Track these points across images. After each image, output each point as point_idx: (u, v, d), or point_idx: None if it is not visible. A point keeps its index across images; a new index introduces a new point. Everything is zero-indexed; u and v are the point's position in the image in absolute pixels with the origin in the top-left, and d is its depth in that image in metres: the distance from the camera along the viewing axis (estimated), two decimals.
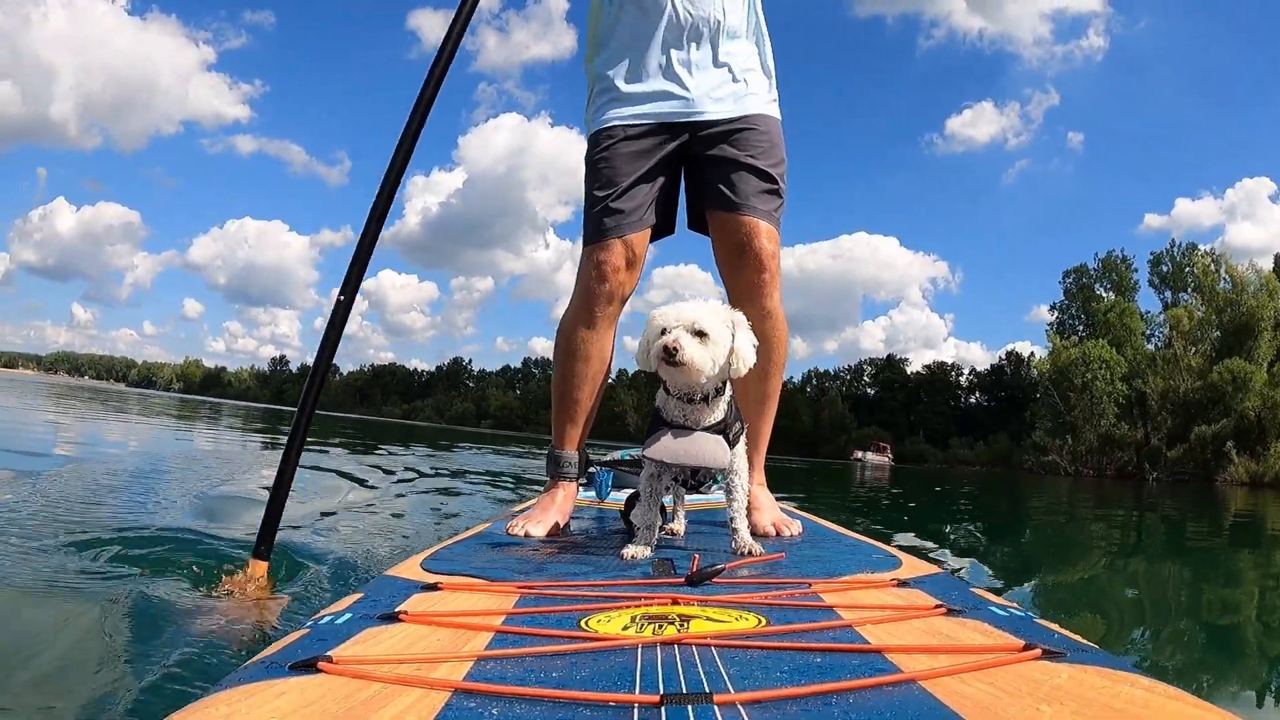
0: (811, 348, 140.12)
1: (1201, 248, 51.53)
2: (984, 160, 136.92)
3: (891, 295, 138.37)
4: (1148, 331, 52.82)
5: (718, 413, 1.38)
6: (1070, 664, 0.68)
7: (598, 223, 1.80)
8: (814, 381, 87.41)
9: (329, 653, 0.72)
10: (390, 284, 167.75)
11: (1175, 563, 3.21)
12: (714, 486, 1.68)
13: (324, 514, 4.13)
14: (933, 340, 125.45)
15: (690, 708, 0.58)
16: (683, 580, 1.07)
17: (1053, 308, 57.36)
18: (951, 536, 3.78)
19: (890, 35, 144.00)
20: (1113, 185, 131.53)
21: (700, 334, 1.27)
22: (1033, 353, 57.27)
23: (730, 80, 1.82)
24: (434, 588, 1.08)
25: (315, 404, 1.94)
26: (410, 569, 1.26)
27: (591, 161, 1.85)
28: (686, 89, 1.79)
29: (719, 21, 1.80)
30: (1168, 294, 52.15)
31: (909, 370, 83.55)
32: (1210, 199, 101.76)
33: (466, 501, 5.29)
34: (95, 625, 1.62)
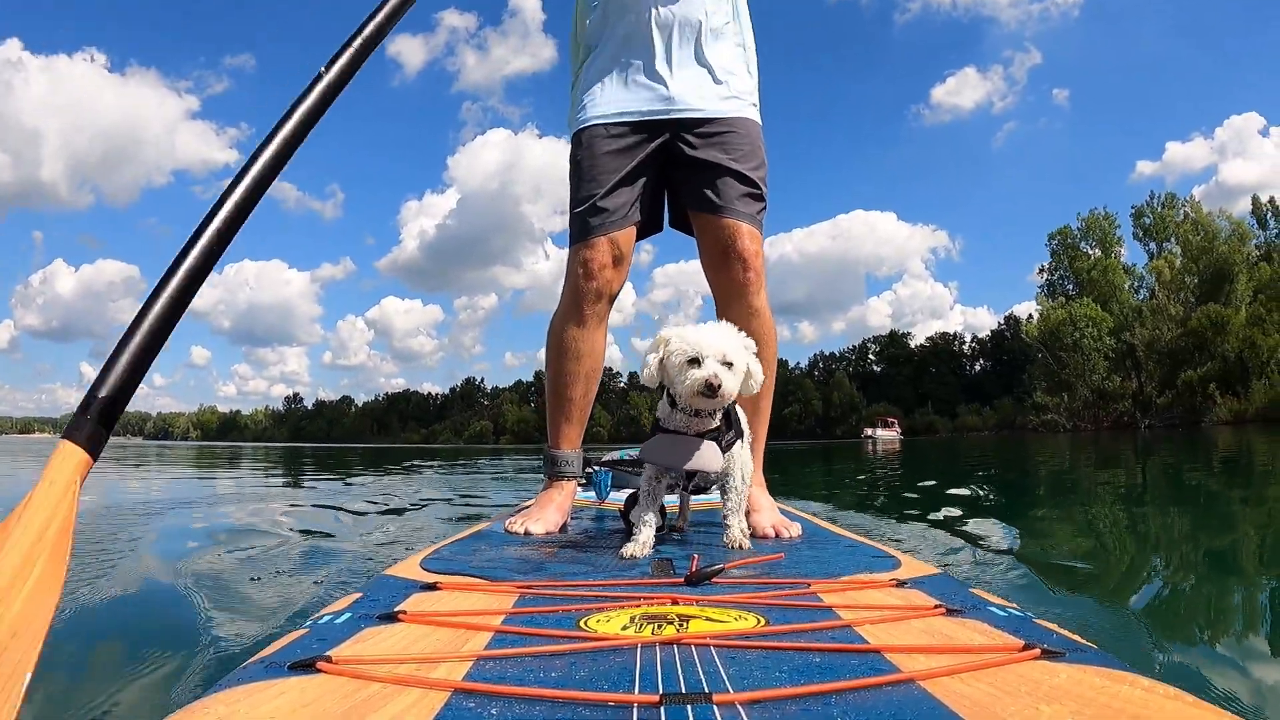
0: (819, 330, 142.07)
1: (1182, 197, 52.94)
2: (972, 126, 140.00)
3: (894, 269, 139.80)
4: (1135, 285, 54.06)
5: (715, 419, 1.44)
6: (1069, 664, 0.68)
7: (583, 221, 1.80)
8: (820, 365, 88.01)
9: (328, 653, 0.72)
10: (394, 310, 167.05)
11: (1170, 539, 3.22)
12: (714, 488, 1.70)
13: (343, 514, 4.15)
14: (939, 310, 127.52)
15: (689, 708, 0.58)
16: (682, 580, 1.07)
17: (1041, 270, 58.11)
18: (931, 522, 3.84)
19: (866, 14, 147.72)
20: (1103, 137, 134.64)
21: (728, 364, 1.34)
22: (1031, 315, 58.18)
23: (712, 80, 1.82)
24: (433, 587, 1.08)
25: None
26: (409, 568, 1.26)
27: (575, 160, 1.86)
28: (667, 88, 1.80)
29: (701, 21, 1.81)
30: (1153, 245, 53.04)
31: (913, 344, 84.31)
32: (1201, 140, 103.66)
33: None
34: (95, 626, 1.62)
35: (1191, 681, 1.34)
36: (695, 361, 1.33)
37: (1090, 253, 54.72)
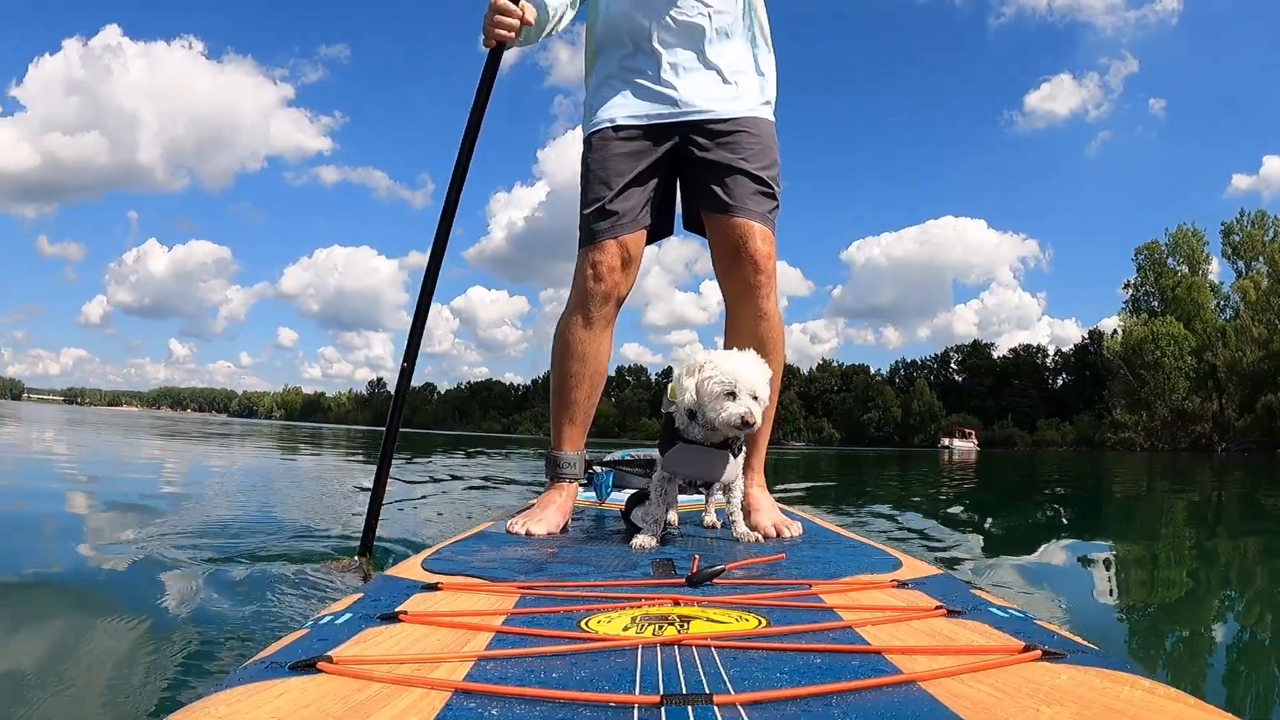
0: (904, 336, 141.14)
1: (1274, 214, 51.78)
2: (1066, 134, 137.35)
3: (982, 277, 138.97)
4: (1221, 304, 53.11)
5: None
6: (1070, 665, 0.68)
7: (592, 224, 1.80)
8: (902, 371, 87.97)
9: (329, 653, 0.72)
10: (480, 300, 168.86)
11: (1199, 558, 3.21)
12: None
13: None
14: (1026, 320, 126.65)
15: (690, 708, 0.58)
16: (683, 581, 1.06)
17: (1126, 285, 57.04)
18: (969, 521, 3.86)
19: (959, 18, 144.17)
20: (1198, 149, 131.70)
21: (755, 397, 1.43)
22: (1115, 330, 57.26)
23: (720, 82, 1.82)
24: (434, 588, 1.08)
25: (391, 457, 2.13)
26: (410, 569, 1.26)
27: (585, 164, 1.86)
28: (676, 91, 1.79)
29: (706, 24, 1.80)
30: (1240, 264, 52.02)
31: (996, 355, 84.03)
32: None
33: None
34: (95, 626, 1.62)
35: (1193, 683, 1.34)
36: (731, 395, 1.41)
37: (1177, 269, 53.86)
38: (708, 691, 0.61)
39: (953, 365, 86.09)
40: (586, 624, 0.86)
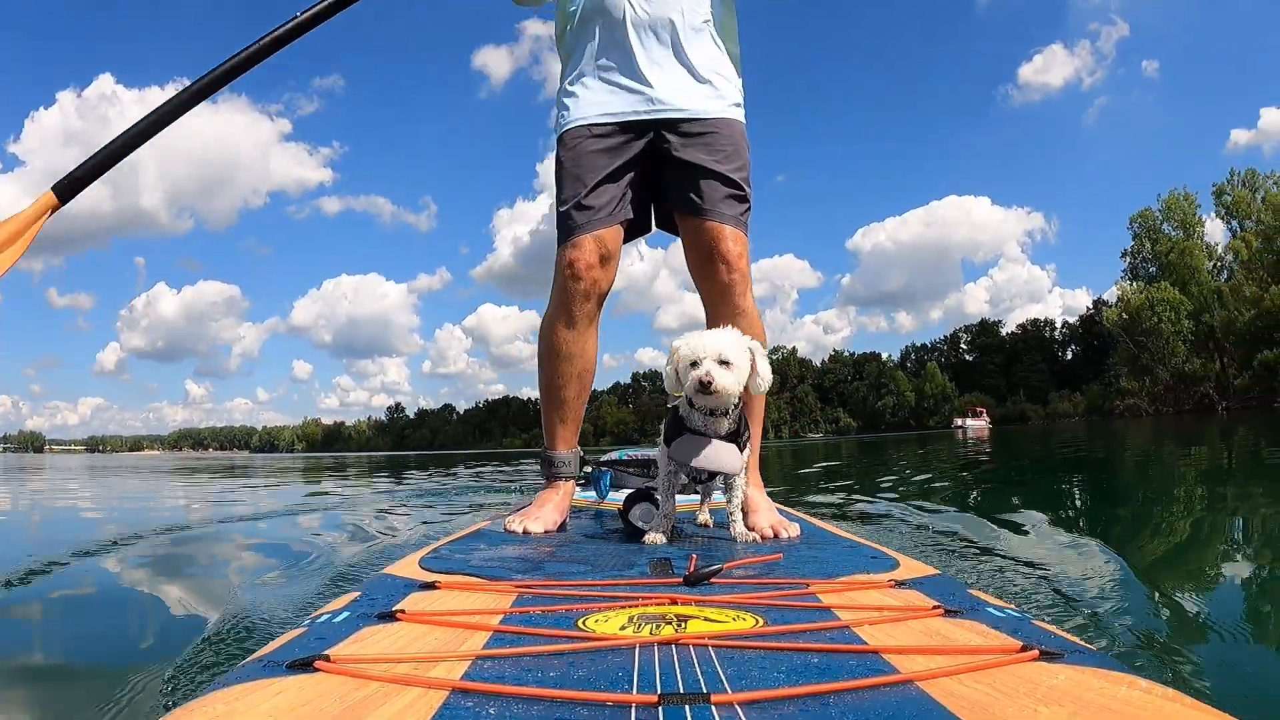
0: (917, 320, 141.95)
1: (1263, 172, 51.95)
2: (1062, 104, 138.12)
3: (990, 254, 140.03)
4: (1216, 265, 53.07)
5: (728, 421, 1.54)
6: (1068, 665, 0.68)
7: (568, 220, 1.81)
8: (912, 356, 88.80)
9: (326, 652, 0.72)
10: (492, 317, 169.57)
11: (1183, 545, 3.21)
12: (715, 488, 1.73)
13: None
14: (1037, 294, 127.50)
15: (688, 708, 0.58)
16: (681, 580, 1.07)
17: (1123, 254, 57.34)
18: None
19: None
20: (1195, 107, 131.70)
21: (725, 362, 1.43)
22: (1116, 298, 57.46)
23: (693, 79, 1.82)
24: (432, 586, 1.08)
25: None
26: (408, 567, 1.26)
27: (559, 162, 1.86)
28: (650, 87, 1.79)
29: (676, 20, 1.80)
30: (1235, 224, 51.93)
31: (1004, 332, 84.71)
32: None
33: None
34: (95, 625, 1.62)
35: (1191, 683, 1.34)
36: (695, 364, 1.43)
37: (1172, 234, 53.85)
38: (705, 691, 0.61)
39: (963, 345, 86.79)
40: (584, 623, 0.86)
